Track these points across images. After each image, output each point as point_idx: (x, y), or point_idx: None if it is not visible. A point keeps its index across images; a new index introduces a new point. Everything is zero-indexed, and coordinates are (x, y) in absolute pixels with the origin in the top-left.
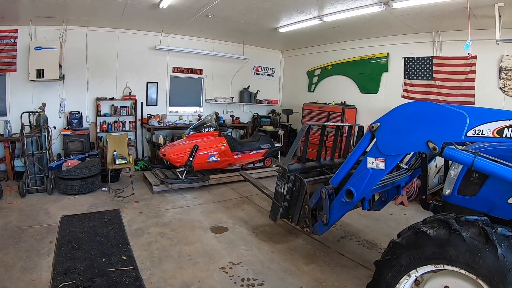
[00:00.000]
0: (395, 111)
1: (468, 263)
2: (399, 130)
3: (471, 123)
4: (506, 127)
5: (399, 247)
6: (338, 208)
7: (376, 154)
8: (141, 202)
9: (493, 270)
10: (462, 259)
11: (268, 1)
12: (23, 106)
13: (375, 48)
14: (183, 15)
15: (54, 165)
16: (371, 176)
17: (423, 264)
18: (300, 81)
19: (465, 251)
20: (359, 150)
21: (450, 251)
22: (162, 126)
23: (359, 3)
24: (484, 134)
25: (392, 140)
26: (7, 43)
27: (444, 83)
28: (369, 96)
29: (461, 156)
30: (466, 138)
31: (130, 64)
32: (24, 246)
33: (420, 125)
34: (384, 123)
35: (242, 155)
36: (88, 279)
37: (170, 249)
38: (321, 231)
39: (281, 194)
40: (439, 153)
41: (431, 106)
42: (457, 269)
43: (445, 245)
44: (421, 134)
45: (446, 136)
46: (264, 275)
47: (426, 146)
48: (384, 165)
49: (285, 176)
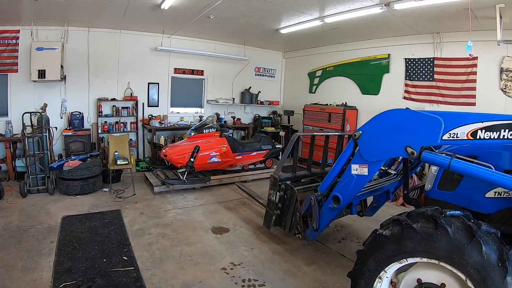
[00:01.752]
0: (375, 119)
1: (449, 256)
2: (379, 137)
3: (446, 127)
4: (479, 129)
5: (383, 238)
6: (326, 213)
7: (359, 160)
8: (142, 202)
9: (477, 265)
10: (444, 253)
11: (269, 2)
12: (24, 107)
13: (376, 49)
14: (185, 16)
15: (55, 165)
16: (356, 182)
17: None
18: (301, 82)
19: (448, 245)
20: (344, 158)
21: (433, 245)
22: (163, 127)
23: (360, 4)
24: (459, 137)
25: (374, 146)
26: (9, 44)
27: (445, 84)
28: (370, 97)
29: (438, 159)
30: (442, 142)
31: (132, 65)
32: (25, 246)
33: (399, 131)
34: (366, 131)
35: (243, 156)
36: (89, 279)
37: (171, 249)
38: (312, 237)
39: (273, 203)
40: (417, 157)
41: (408, 112)
42: (437, 262)
43: (430, 239)
44: (399, 140)
45: (423, 140)
46: (265, 276)
47: (405, 151)
48: (367, 171)
49: (276, 185)
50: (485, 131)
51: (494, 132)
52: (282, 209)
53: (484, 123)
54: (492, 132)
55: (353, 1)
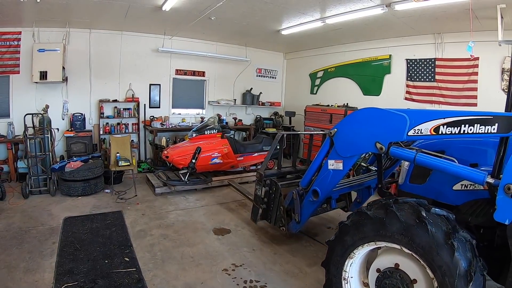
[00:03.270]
0: (348, 118)
1: (400, 238)
2: (352, 134)
3: (411, 124)
4: (441, 125)
5: (346, 227)
6: (307, 206)
7: (335, 156)
8: (144, 203)
9: (425, 245)
10: (395, 235)
11: (270, 3)
12: (26, 108)
13: (378, 50)
14: (186, 18)
15: (57, 166)
16: (332, 176)
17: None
18: (303, 83)
19: (398, 228)
20: (321, 154)
21: (385, 228)
22: (165, 128)
23: (362, 5)
24: (423, 132)
25: (347, 143)
26: (11, 45)
27: (447, 85)
28: (372, 98)
29: (404, 154)
30: (407, 137)
31: (133, 66)
32: (27, 247)
33: (369, 128)
34: (340, 129)
35: (245, 157)
36: (90, 280)
37: (172, 250)
38: (295, 229)
39: (259, 197)
40: (385, 152)
41: (377, 111)
42: (394, 245)
43: (381, 224)
44: (370, 137)
45: (390, 136)
46: (267, 277)
47: (375, 146)
48: (342, 166)
49: (261, 180)
50: (446, 127)
51: (455, 128)
52: (267, 203)
53: (446, 119)
54: (453, 128)
55: (354, 2)
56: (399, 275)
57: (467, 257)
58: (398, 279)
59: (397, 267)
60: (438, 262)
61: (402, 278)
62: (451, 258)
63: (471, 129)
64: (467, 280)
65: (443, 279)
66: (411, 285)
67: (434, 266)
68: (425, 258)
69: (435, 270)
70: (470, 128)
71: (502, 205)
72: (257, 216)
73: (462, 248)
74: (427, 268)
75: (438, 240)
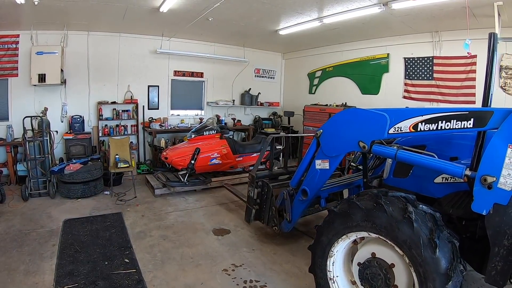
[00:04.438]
0: (333, 119)
1: (385, 230)
2: (337, 134)
3: (391, 122)
4: (420, 122)
5: (321, 228)
6: (297, 206)
7: (321, 156)
8: (144, 205)
9: (408, 239)
10: (381, 227)
11: (267, 3)
12: (25, 111)
13: (376, 49)
14: (184, 19)
15: (57, 169)
16: (320, 175)
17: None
18: (301, 83)
19: (385, 220)
20: (309, 154)
21: (373, 219)
22: (164, 129)
23: (359, 4)
24: (403, 130)
25: (332, 143)
26: (9, 48)
27: (445, 83)
28: (370, 97)
29: (386, 151)
30: (388, 136)
31: (131, 68)
32: (27, 250)
33: (352, 128)
34: (326, 129)
35: (244, 158)
36: (91, 282)
37: (172, 251)
38: (287, 228)
39: (252, 198)
40: (368, 150)
41: (359, 111)
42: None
43: (370, 215)
44: (353, 136)
45: (372, 135)
46: (267, 277)
47: (358, 145)
48: (329, 165)
49: (254, 182)
50: (424, 124)
51: (433, 124)
52: (260, 204)
53: (424, 117)
54: (431, 124)
55: (351, 1)
56: (377, 262)
57: (448, 256)
58: (376, 266)
59: (374, 256)
60: (420, 258)
61: (380, 264)
62: (433, 254)
63: (448, 125)
64: (445, 279)
65: (422, 272)
66: (389, 270)
67: (415, 261)
68: (407, 252)
69: (416, 265)
70: (447, 124)
71: (479, 196)
72: (250, 217)
73: (443, 246)
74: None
75: (421, 236)
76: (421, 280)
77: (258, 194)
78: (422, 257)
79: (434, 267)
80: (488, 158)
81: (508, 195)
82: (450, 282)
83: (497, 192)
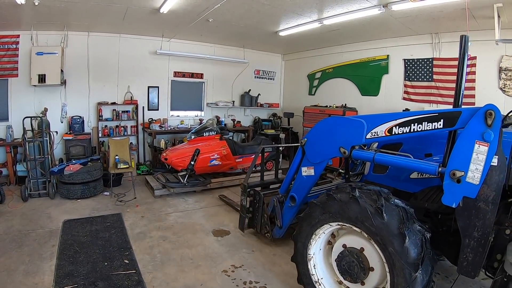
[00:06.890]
0: (315, 128)
1: (358, 221)
2: (320, 142)
3: (368, 128)
4: (394, 126)
5: (314, 206)
6: (287, 212)
7: (307, 163)
8: (143, 206)
9: (379, 230)
10: (354, 218)
11: (267, 5)
12: (25, 111)
13: (375, 51)
14: (184, 20)
15: (56, 169)
16: (306, 181)
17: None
18: (301, 84)
19: (357, 212)
20: (296, 162)
21: (347, 211)
22: (164, 130)
23: (359, 6)
24: (379, 134)
25: (316, 150)
26: (9, 49)
27: (445, 84)
28: (370, 99)
29: (364, 155)
30: (366, 140)
31: (131, 69)
32: (26, 250)
33: (333, 135)
34: (309, 138)
35: (244, 159)
36: (90, 283)
37: (172, 252)
38: (279, 234)
39: (244, 207)
40: (348, 155)
41: (338, 119)
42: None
43: (344, 206)
44: (334, 143)
45: (352, 141)
46: (266, 278)
47: (339, 151)
48: (314, 172)
49: (246, 191)
50: (398, 127)
51: (406, 127)
52: (253, 212)
53: (398, 121)
54: (404, 127)
55: (351, 3)
56: (348, 251)
57: (418, 247)
58: (348, 254)
59: (346, 247)
60: (390, 248)
61: (351, 252)
62: (402, 245)
63: (419, 127)
64: (414, 268)
65: (392, 261)
66: (361, 253)
67: (386, 250)
68: (378, 242)
69: (387, 255)
70: (419, 126)
71: (449, 189)
72: (243, 224)
73: (413, 237)
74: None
75: (391, 228)
76: (391, 268)
77: (250, 202)
78: (393, 247)
79: (404, 257)
80: (457, 154)
81: (476, 189)
82: (419, 271)
83: (465, 186)
